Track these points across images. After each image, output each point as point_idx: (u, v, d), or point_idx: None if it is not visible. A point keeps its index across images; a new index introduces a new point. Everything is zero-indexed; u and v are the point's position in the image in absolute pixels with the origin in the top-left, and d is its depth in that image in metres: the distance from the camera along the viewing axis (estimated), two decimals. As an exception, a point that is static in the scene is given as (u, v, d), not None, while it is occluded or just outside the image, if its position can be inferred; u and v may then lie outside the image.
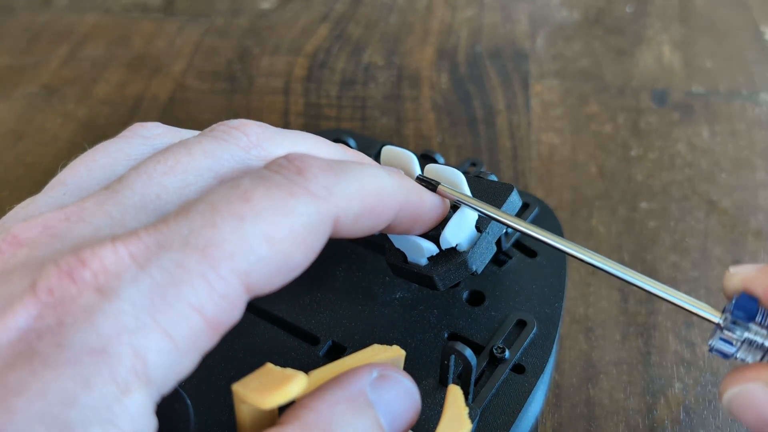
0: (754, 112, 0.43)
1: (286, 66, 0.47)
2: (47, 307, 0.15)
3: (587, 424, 0.29)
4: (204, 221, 0.17)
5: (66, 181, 0.20)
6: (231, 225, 0.17)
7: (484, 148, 0.41)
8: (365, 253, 0.29)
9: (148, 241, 0.16)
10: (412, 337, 0.26)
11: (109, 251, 0.16)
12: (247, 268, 0.17)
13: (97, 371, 0.15)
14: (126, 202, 0.18)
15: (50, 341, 0.15)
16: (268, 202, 0.17)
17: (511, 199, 0.25)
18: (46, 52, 0.49)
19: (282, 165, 0.19)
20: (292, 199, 0.18)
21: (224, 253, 0.16)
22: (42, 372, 0.15)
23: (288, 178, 0.18)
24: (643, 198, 0.38)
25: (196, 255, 0.16)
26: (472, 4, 0.53)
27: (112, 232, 0.17)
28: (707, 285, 0.34)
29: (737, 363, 0.21)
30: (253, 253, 0.17)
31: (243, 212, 0.17)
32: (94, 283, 0.16)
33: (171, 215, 0.17)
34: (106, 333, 0.15)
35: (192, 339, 0.16)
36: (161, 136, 0.22)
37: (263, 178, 0.18)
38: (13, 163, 0.41)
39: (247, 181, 0.18)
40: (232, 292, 0.16)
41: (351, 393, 0.18)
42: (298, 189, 0.18)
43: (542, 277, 0.29)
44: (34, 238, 0.17)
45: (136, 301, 0.15)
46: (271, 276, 0.17)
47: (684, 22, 0.51)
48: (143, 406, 0.15)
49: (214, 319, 0.16)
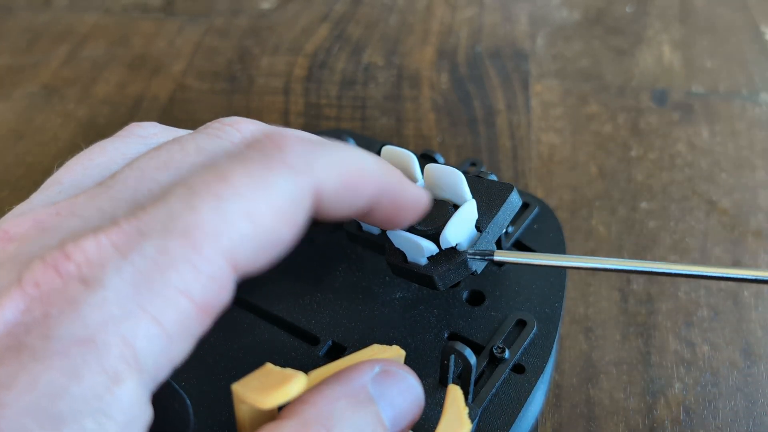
0: (754, 112, 0.43)
1: (286, 66, 0.47)
2: (34, 301, 0.15)
3: (587, 424, 0.29)
4: (183, 204, 0.17)
5: (62, 180, 0.20)
6: (210, 205, 0.16)
7: (484, 148, 0.41)
8: (365, 253, 0.29)
9: (128, 230, 0.16)
10: (412, 337, 0.26)
11: (92, 242, 0.16)
12: (231, 247, 0.16)
13: (86, 361, 0.15)
14: (118, 196, 0.18)
15: (38, 334, 0.15)
16: (247, 179, 0.17)
17: (511, 199, 0.25)
18: (46, 52, 0.49)
19: (259, 141, 0.18)
20: (270, 174, 0.17)
21: (206, 235, 0.16)
22: (30, 365, 0.14)
23: (265, 153, 0.18)
24: (643, 198, 0.38)
25: (178, 239, 0.16)
26: (472, 4, 0.53)
27: (102, 225, 0.17)
28: (707, 285, 0.34)
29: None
30: (235, 232, 0.17)
31: (221, 192, 0.17)
32: (78, 274, 0.16)
33: (150, 202, 0.17)
34: (92, 323, 0.15)
35: (182, 324, 0.16)
36: (157, 135, 0.22)
37: (240, 155, 0.18)
38: (13, 163, 0.41)
39: (224, 161, 0.18)
40: (219, 273, 0.16)
41: (352, 388, 0.18)
42: (276, 163, 0.18)
43: (542, 277, 0.28)
44: (24, 232, 0.17)
45: (121, 290, 0.15)
46: (256, 253, 0.17)
47: (684, 22, 0.51)
48: (136, 395, 0.15)
49: (202, 301, 0.16)
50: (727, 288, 0.34)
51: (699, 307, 0.33)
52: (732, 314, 0.33)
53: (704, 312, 0.33)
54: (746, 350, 0.31)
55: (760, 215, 0.37)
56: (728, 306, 0.33)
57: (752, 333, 0.32)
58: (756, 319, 0.33)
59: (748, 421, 0.29)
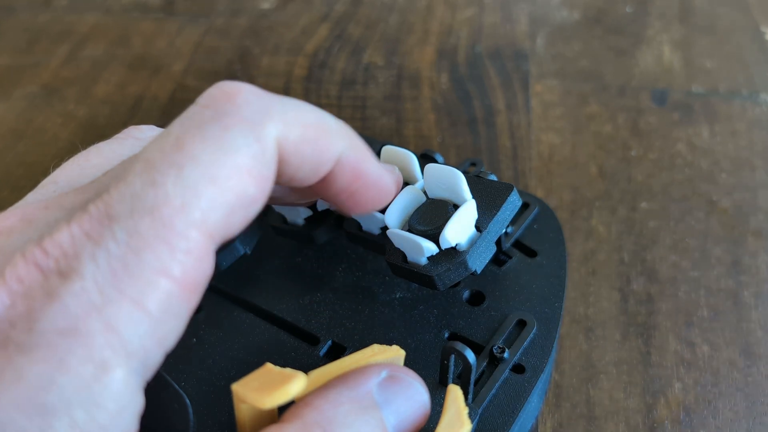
0: (754, 112, 0.43)
1: (286, 66, 0.47)
2: (17, 296, 0.15)
3: (587, 424, 0.29)
4: (143, 182, 0.16)
5: (58, 180, 0.20)
6: (171, 177, 0.16)
7: (484, 148, 0.41)
8: (365, 253, 0.29)
9: (97, 215, 0.16)
10: (412, 337, 0.26)
11: (65, 234, 0.16)
12: (203, 217, 0.16)
13: (71, 351, 0.15)
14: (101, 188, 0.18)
15: (22, 328, 0.15)
16: (203, 143, 0.17)
17: (511, 199, 0.25)
18: (46, 52, 0.49)
19: (211, 95, 0.18)
20: (227, 133, 0.17)
21: (174, 209, 0.16)
22: (16, 358, 0.15)
23: (218, 110, 0.17)
24: (643, 198, 0.38)
25: (146, 218, 0.16)
26: (472, 4, 0.53)
27: (74, 214, 0.17)
28: (707, 285, 0.34)
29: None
30: (203, 199, 0.16)
31: (180, 160, 0.16)
32: (56, 268, 0.15)
33: (112, 183, 0.17)
34: (73, 312, 0.15)
35: (165, 303, 0.16)
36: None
37: (192, 117, 0.17)
38: (13, 163, 0.41)
39: (176, 127, 0.17)
40: (195, 246, 0.16)
41: (357, 393, 0.18)
42: (231, 120, 0.17)
43: (542, 277, 0.28)
44: (11, 225, 0.17)
45: (98, 277, 0.15)
46: (228, 217, 0.17)
47: (684, 22, 0.51)
48: (125, 382, 0.15)
49: (183, 278, 0.16)
50: (727, 288, 0.34)
51: (699, 307, 0.33)
52: (732, 314, 0.33)
53: (704, 312, 0.33)
54: (746, 350, 0.31)
55: (760, 215, 0.37)
56: (728, 306, 0.33)
57: (752, 333, 0.32)
58: (756, 319, 0.33)
59: (748, 421, 0.29)
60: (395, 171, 0.24)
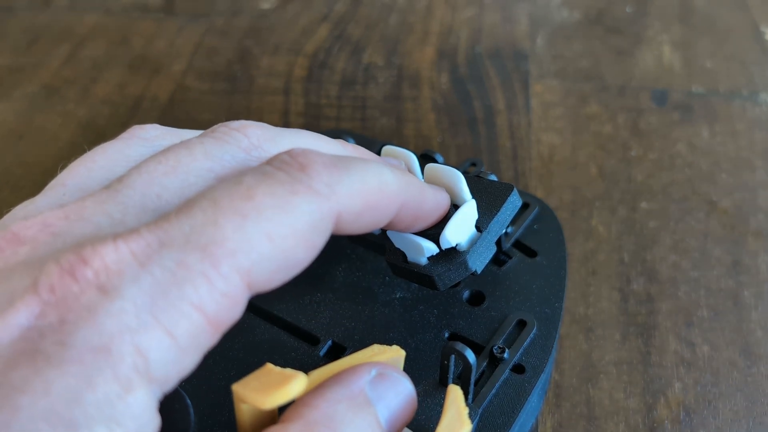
0: (754, 112, 0.43)
1: (286, 66, 0.47)
2: (49, 306, 0.15)
3: (587, 424, 0.29)
4: (206, 218, 0.17)
5: (65, 182, 0.20)
6: (233, 223, 0.17)
7: (484, 148, 0.41)
8: (365, 253, 0.29)
9: (150, 239, 0.16)
10: (412, 337, 0.26)
11: (111, 249, 0.16)
12: (249, 266, 0.17)
13: (100, 369, 0.15)
14: (126, 201, 0.18)
15: (53, 339, 0.15)
16: (271, 200, 0.17)
17: (511, 199, 0.25)
18: (46, 52, 0.49)
19: (285, 161, 0.18)
20: (295, 197, 0.18)
21: (226, 251, 0.16)
22: (46, 370, 0.15)
23: (291, 175, 0.18)
24: (643, 198, 0.38)
25: (198, 253, 0.16)
26: (472, 5, 0.53)
27: (113, 230, 0.17)
28: (707, 285, 0.34)
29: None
30: (255, 251, 0.17)
31: (246, 210, 0.17)
32: (96, 281, 0.16)
33: (173, 212, 0.17)
34: (108, 331, 0.15)
35: (193, 337, 0.16)
36: (159, 137, 0.22)
37: (266, 174, 0.18)
38: (13, 163, 0.41)
39: (249, 178, 0.18)
40: (234, 290, 0.16)
41: (351, 391, 0.18)
42: (301, 186, 0.18)
43: (542, 277, 0.28)
44: (34, 236, 0.17)
45: (138, 300, 0.15)
46: (272, 273, 0.17)
47: (684, 22, 0.51)
48: (146, 403, 0.15)
49: (215, 317, 0.16)
50: (727, 288, 0.34)
51: (699, 307, 0.33)
52: (732, 314, 0.33)
53: (704, 312, 0.33)
54: (746, 350, 0.31)
55: (760, 215, 0.37)
56: (728, 306, 0.33)
57: (752, 333, 0.32)
58: (756, 319, 0.33)
59: (748, 421, 0.29)
60: (443, 191, 0.25)
